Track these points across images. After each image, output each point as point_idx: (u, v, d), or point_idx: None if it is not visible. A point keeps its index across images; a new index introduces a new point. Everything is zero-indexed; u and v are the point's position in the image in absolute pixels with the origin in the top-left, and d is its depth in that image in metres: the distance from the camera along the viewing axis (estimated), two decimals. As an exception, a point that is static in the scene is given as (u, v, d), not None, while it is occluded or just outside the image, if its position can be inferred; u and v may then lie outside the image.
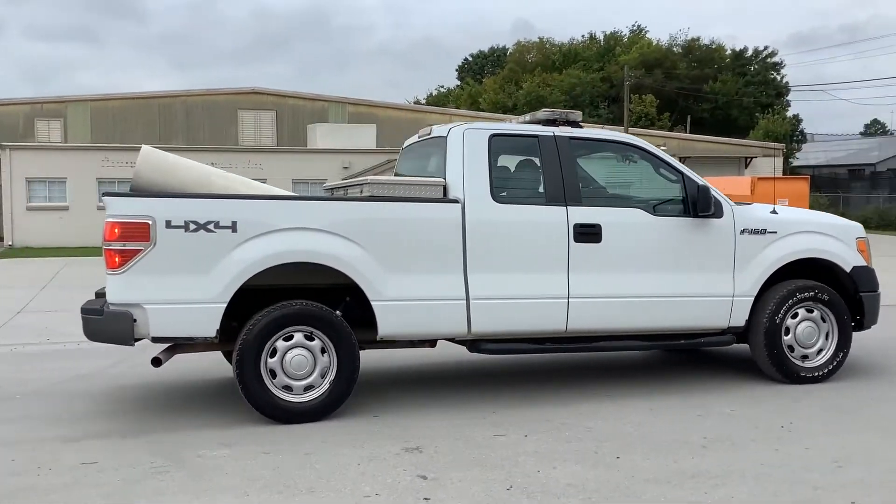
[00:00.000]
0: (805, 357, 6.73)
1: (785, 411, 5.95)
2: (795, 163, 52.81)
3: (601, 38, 64.89)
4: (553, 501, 4.23)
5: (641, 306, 6.31)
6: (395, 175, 7.35)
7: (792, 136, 51.53)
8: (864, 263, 7.00)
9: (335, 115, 40.12)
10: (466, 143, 6.11)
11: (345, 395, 5.76)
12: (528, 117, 6.79)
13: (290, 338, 5.61)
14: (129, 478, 4.62)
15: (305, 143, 37.42)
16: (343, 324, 5.71)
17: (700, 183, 6.43)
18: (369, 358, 7.42)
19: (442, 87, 73.49)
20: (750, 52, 59.00)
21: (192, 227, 5.41)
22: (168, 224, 5.37)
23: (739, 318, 6.58)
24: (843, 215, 37.95)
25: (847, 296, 6.93)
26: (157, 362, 5.68)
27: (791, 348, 6.68)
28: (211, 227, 5.43)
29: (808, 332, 6.70)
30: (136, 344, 5.52)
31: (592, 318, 6.22)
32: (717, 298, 6.50)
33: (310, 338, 5.65)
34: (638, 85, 50.82)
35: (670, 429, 5.54)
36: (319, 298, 5.80)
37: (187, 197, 5.64)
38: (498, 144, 6.21)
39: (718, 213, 6.45)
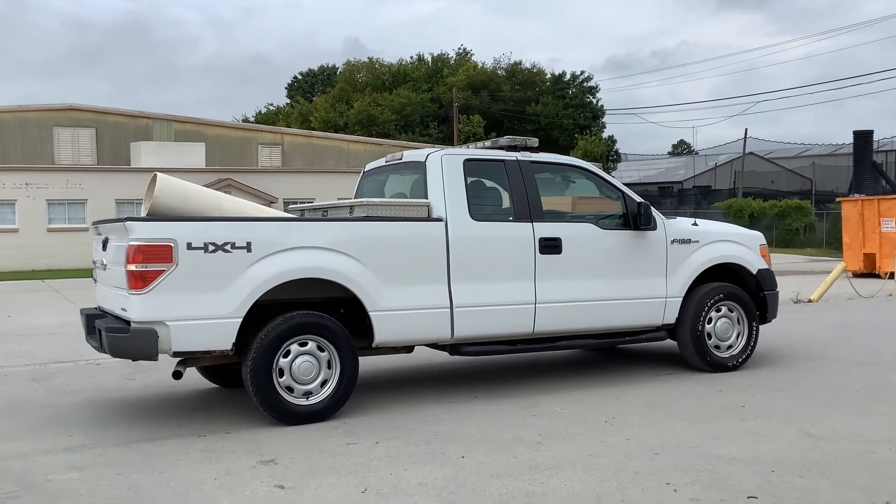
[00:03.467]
0: (721, 348, 7.85)
1: (608, 407, 6.57)
2: (612, 181, 56.03)
3: (429, 59, 66.44)
4: (406, 500, 4.54)
5: (595, 309, 7.21)
6: (355, 197, 7.84)
7: (608, 155, 54.83)
8: (767, 266, 8.20)
9: (160, 134, 38.91)
10: (445, 167, 6.80)
11: (345, 398, 6.32)
12: (489, 143, 7.55)
13: (304, 344, 6.15)
14: (-24, 507, 4.53)
15: (129, 162, 36.06)
16: (345, 332, 6.27)
17: (639, 200, 7.38)
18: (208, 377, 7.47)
19: (272, 104, 72.72)
20: (568, 77, 62.28)
21: (211, 248, 5.83)
22: (189, 246, 5.77)
23: (671, 317, 7.61)
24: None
25: (753, 294, 8.07)
26: (177, 375, 6.30)
27: (712, 341, 7.79)
28: (228, 247, 5.88)
29: (724, 326, 7.83)
30: (158, 358, 5.89)
31: (555, 321, 7.06)
32: (654, 300, 7.50)
33: (317, 346, 6.21)
34: (465, 106, 52.47)
35: (508, 428, 6.00)
36: (317, 311, 6.31)
37: (207, 220, 6.07)
38: (471, 168, 6.95)
39: (654, 225, 7.44)
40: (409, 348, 6.96)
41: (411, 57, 68.14)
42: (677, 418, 6.24)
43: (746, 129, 51.22)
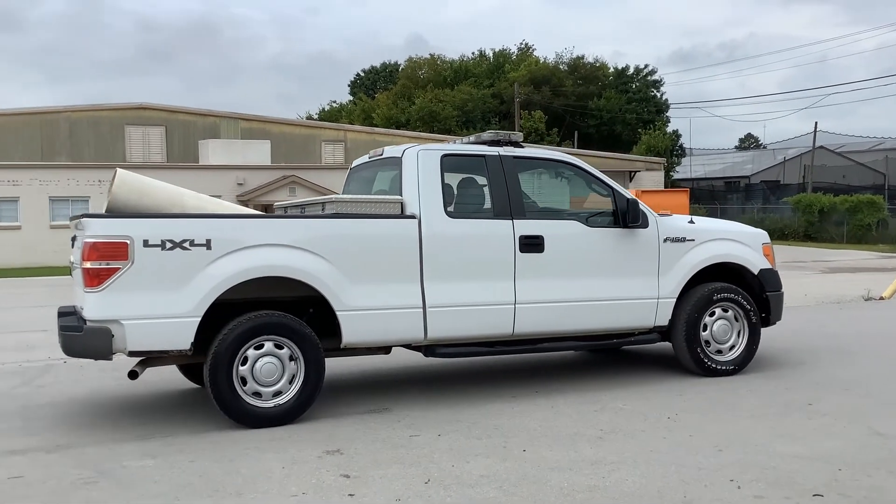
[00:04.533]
0: (720, 352, 7.49)
1: (671, 404, 6.54)
2: (676, 176, 55.38)
3: (491, 55, 66.36)
4: (468, 491, 4.61)
5: (581, 310, 6.93)
6: (343, 194, 7.73)
7: (672, 150, 54.02)
8: (770, 266, 7.81)
9: (227, 131, 39.68)
10: (421, 162, 6.59)
11: (311, 400, 6.12)
12: (472, 138, 7.31)
13: (260, 346, 5.96)
14: (59, 489, 4.75)
15: (197, 160, 36.88)
16: (310, 332, 6.09)
17: (629, 197, 7.10)
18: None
19: (334, 102, 73.53)
20: (632, 70, 61.52)
21: (169, 245, 5.70)
22: (146, 243, 5.65)
23: (664, 318, 7.29)
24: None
25: (755, 296, 7.72)
26: (133, 375, 6.08)
27: (708, 344, 7.44)
28: (186, 245, 5.75)
29: (722, 329, 7.47)
30: (113, 358, 5.81)
31: (537, 322, 6.80)
32: (645, 301, 7.18)
33: (279, 346, 6.01)
34: (527, 101, 52.28)
35: (570, 423, 6.02)
36: (285, 310, 6.16)
37: (164, 217, 5.95)
38: (449, 163, 6.72)
39: (645, 223, 7.14)
40: (385, 349, 6.74)
41: (473, 53, 68.19)
42: (742, 415, 6.18)
43: (816, 123, 50.05)
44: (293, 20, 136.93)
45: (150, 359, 6.12)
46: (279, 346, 6.01)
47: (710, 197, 50.75)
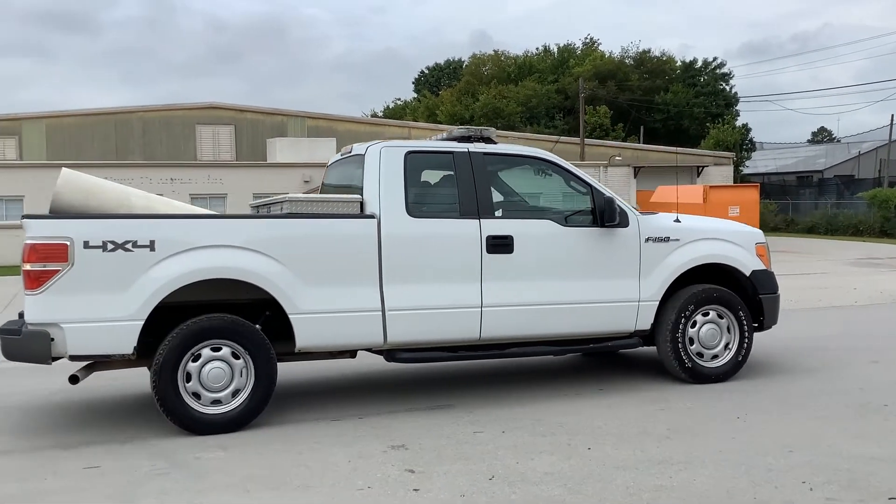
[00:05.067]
0: (706, 357, 7.11)
1: (739, 404, 6.41)
2: (745, 171, 54.24)
3: (555, 50, 65.95)
4: (532, 489, 4.60)
5: (553, 313, 6.62)
6: (321, 192, 7.54)
7: (742, 144, 52.91)
8: (764, 267, 7.41)
9: (294, 129, 40.30)
10: (383, 160, 6.37)
11: (262, 406, 5.94)
12: (444, 135, 7.06)
13: (214, 349, 5.81)
14: (133, 480, 4.89)
15: (265, 158, 37.53)
16: (260, 336, 5.90)
17: (606, 195, 6.77)
18: (347, 363, 7.76)
19: (399, 99, 73.94)
20: (699, 64, 60.44)
21: (110, 246, 5.56)
22: (86, 244, 5.52)
23: (645, 322, 6.94)
24: (791, 222, 38.75)
25: (749, 298, 7.36)
26: (74, 380, 5.88)
27: (695, 349, 7.07)
28: (129, 246, 5.60)
29: (710, 333, 7.10)
30: (52, 363, 5.63)
31: (506, 326, 6.50)
32: (624, 304, 6.84)
33: (228, 351, 5.84)
34: (592, 96, 51.80)
35: (635, 422, 5.96)
36: (242, 313, 6.00)
37: (105, 217, 5.81)
38: (414, 161, 6.49)
39: (624, 222, 6.80)
40: (349, 353, 6.55)
41: (537, 48, 67.78)
42: (814, 416, 6.03)
43: (893, 115, 48.35)
44: (359, 19, 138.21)
45: (97, 363, 6.00)
46: (230, 352, 5.85)
47: (782, 192, 49.56)
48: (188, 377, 5.76)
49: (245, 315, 6.01)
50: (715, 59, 60.24)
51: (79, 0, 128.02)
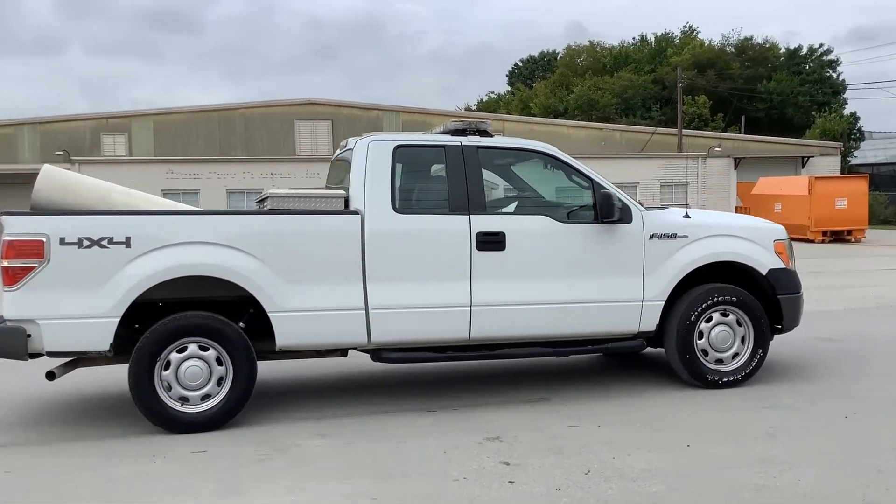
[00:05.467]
0: (720, 361, 6.73)
1: (847, 403, 6.18)
2: (854, 161, 52.02)
3: (652, 39, 64.66)
4: (629, 485, 4.55)
5: (548, 313, 6.34)
6: (325, 187, 7.41)
7: (849, 134, 50.78)
8: (783, 266, 6.95)
9: (389, 124, 40.78)
10: (370, 154, 6.21)
11: (240, 405, 5.86)
12: (441, 128, 6.80)
13: (184, 349, 5.74)
14: (237, 464, 5.07)
15: (361, 152, 38.06)
16: (238, 334, 5.82)
17: (606, 190, 6.45)
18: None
19: (492, 92, 73.89)
20: (805, 51, 58.26)
21: (86, 243, 5.54)
22: (62, 241, 5.52)
23: (650, 323, 6.59)
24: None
25: (768, 299, 6.93)
26: (51, 376, 5.84)
27: (705, 352, 6.70)
28: (104, 242, 5.57)
29: (722, 335, 6.71)
30: (29, 359, 5.62)
31: (497, 326, 6.27)
32: (626, 303, 6.51)
33: (204, 348, 5.78)
34: (690, 86, 50.58)
35: (738, 418, 5.82)
36: (227, 310, 5.95)
37: (80, 214, 5.79)
38: (404, 155, 6.30)
39: (626, 218, 6.49)
40: (341, 352, 6.43)
41: (633, 38, 66.68)
42: (928, 418, 5.76)
43: None
44: (454, 13, 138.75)
45: (79, 360, 6.01)
46: (204, 349, 5.77)
47: (892, 183, 47.34)
48: (165, 376, 5.70)
49: (231, 312, 5.95)
50: (821, 45, 58.02)
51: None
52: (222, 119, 39.45)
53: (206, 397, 5.78)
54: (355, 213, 6.07)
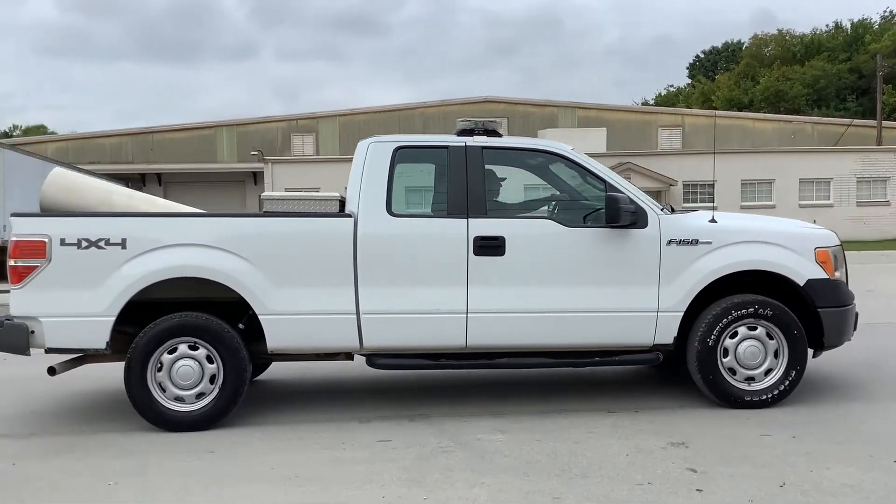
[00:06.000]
0: (751, 379, 6.18)
1: None
2: None
3: (848, 26, 60.56)
4: (829, 500, 4.28)
5: (552, 322, 6.04)
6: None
7: None
8: (826, 276, 6.25)
9: (565, 120, 40.56)
10: (369, 156, 6.14)
11: (231, 405, 5.89)
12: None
13: (175, 349, 5.84)
14: (420, 455, 5.19)
15: (536, 149, 38.08)
16: (230, 336, 5.85)
17: (616, 193, 6.06)
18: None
19: (672, 86, 71.83)
20: None
21: (85, 244, 5.73)
22: (62, 242, 5.72)
23: (666, 336, 6.12)
24: None
25: (808, 312, 6.27)
26: (51, 371, 5.99)
27: (732, 370, 6.17)
28: (102, 244, 5.74)
29: (751, 351, 6.15)
30: (31, 354, 5.84)
31: (495, 334, 6.03)
32: (639, 314, 6.08)
33: (194, 348, 5.85)
34: (891, 74, 46.93)
35: (951, 437, 5.33)
36: (229, 311, 5.97)
37: (80, 216, 5.97)
38: (405, 156, 6.19)
39: (641, 223, 6.08)
40: (347, 355, 6.33)
41: (827, 25, 62.77)
42: None
43: None
44: (632, 5, 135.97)
45: (85, 357, 6.14)
46: (195, 348, 5.85)
47: None
48: (158, 376, 5.82)
49: (233, 313, 5.99)
50: None
51: (369, 3, 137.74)
52: (402, 118, 40.64)
53: (200, 395, 5.86)
54: (349, 216, 6.00)
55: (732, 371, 6.16)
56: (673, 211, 6.43)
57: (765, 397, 6.13)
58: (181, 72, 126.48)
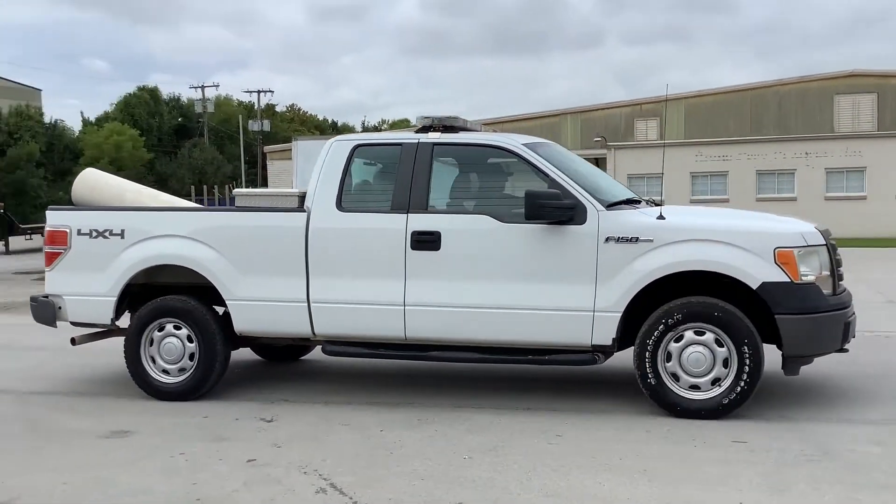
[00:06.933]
0: (695, 387, 5.71)
1: None
2: None
3: None
4: None
5: (485, 317, 6.00)
6: None
7: None
8: (786, 279, 5.57)
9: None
10: (328, 154, 6.45)
11: (204, 382, 6.48)
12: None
13: (162, 328, 6.57)
14: (781, 461, 4.80)
15: (913, 126, 33.94)
16: (206, 318, 6.49)
17: (553, 188, 5.89)
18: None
19: None
20: None
21: (94, 234, 6.66)
22: (79, 232, 6.68)
23: (605, 337, 5.84)
24: None
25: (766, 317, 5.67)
26: (72, 341, 6.88)
27: (675, 376, 5.75)
28: (107, 234, 6.62)
29: (695, 357, 5.69)
30: (58, 326, 6.88)
31: (431, 327, 6.13)
32: (574, 313, 5.87)
33: (178, 328, 6.55)
34: None
35: None
36: (217, 297, 6.53)
37: (92, 209, 6.97)
38: (362, 154, 6.50)
39: (579, 219, 5.84)
40: (301, 342, 6.83)
41: None
42: None
43: None
44: None
45: (108, 332, 6.98)
46: (179, 328, 6.54)
47: None
48: (151, 349, 6.59)
49: (218, 298, 6.54)
50: None
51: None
52: (754, 98, 38.28)
53: (181, 370, 6.54)
54: (303, 211, 6.36)
55: (676, 377, 5.77)
56: (657, 205, 6.26)
57: (710, 407, 5.67)
58: (529, 64, 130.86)
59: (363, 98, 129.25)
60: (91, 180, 7.79)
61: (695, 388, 5.73)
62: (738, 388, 5.62)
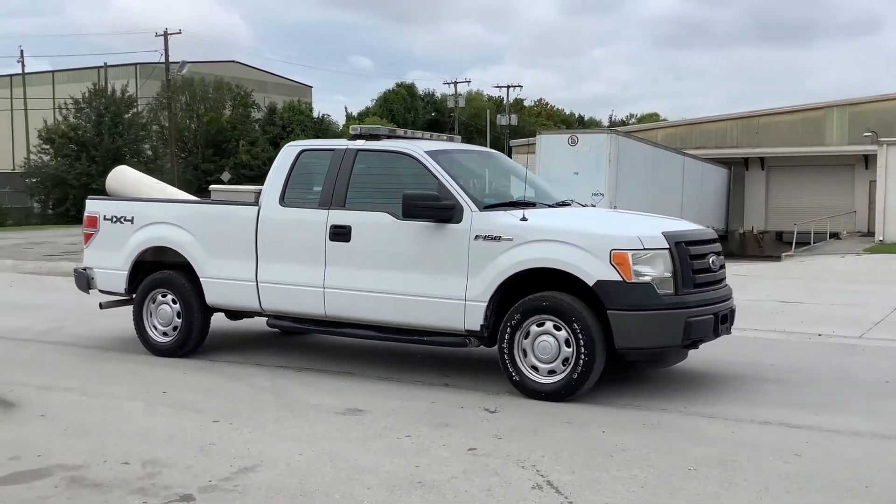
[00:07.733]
0: (541, 371, 6.38)
1: None
2: None
3: None
4: None
5: (382, 301, 6.92)
6: None
7: None
8: (620, 278, 6.12)
9: None
10: (281, 156, 7.75)
11: (186, 342, 7.84)
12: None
13: (163, 296, 7.98)
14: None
15: None
16: (186, 289, 7.80)
17: (432, 190, 6.75)
18: None
19: None
20: None
21: (114, 219, 8.21)
22: (104, 217, 8.30)
23: (474, 323, 6.61)
24: None
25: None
26: (101, 306, 8.53)
27: (535, 368, 6.40)
28: (122, 220, 8.16)
29: (543, 345, 6.36)
30: (90, 293, 8.59)
31: (343, 307, 7.15)
32: (450, 301, 6.67)
33: (171, 299, 7.94)
34: None
35: None
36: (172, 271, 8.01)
37: (114, 199, 8.81)
38: (306, 158, 7.63)
39: (456, 218, 6.65)
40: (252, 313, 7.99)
41: None
42: None
43: None
44: None
45: (123, 300, 8.42)
46: (171, 298, 7.92)
47: None
48: (151, 314, 8.04)
49: None
50: None
51: None
52: None
53: (170, 333, 7.94)
54: (256, 205, 7.59)
55: (535, 368, 6.39)
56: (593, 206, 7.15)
57: (550, 390, 6.27)
58: (794, 53, 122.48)
59: (612, 91, 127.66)
60: (119, 175, 10.07)
61: (552, 372, 6.32)
62: (581, 363, 6.14)
